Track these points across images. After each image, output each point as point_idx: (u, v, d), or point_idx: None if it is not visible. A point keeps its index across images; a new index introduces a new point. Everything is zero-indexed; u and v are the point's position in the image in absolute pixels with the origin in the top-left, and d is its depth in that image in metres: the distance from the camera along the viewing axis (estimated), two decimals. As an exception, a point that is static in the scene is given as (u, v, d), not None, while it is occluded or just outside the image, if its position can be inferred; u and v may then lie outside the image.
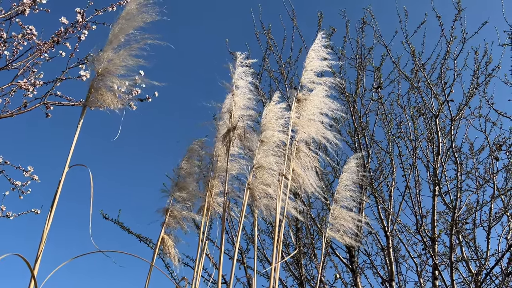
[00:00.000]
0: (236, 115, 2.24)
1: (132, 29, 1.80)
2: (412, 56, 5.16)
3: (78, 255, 1.50)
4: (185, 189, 2.37)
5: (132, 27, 1.80)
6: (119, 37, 1.79)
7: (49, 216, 1.50)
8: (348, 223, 2.45)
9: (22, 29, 2.74)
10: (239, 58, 2.37)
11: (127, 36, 1.83)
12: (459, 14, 4.89)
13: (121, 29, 1.77)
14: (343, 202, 2.58)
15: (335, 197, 2.60)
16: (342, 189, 2.63)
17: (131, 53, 1.81)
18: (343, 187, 2.63)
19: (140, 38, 1.81)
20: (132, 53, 1.81)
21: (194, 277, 2.12)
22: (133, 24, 1.78)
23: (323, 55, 2.49)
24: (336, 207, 2.55)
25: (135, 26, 1.80)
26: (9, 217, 3.16)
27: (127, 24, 1.78)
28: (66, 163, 1.58)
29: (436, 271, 4.48)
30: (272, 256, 2.02)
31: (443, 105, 5.00)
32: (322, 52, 2.50)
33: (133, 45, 1.84)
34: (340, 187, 2.65)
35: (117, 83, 1.79)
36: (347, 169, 2.72)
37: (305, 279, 4.71)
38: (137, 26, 1.81)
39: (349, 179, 2.67)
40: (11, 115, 2.82)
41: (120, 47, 1.86)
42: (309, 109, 2.32)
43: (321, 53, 2.49)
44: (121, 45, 1.91)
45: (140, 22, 1.80)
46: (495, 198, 4.59)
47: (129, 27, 1.79)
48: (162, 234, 2.27)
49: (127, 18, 1.79)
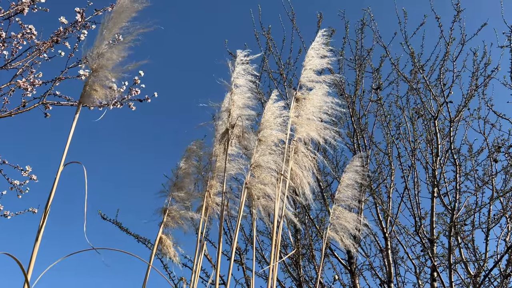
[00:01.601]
0: (235, 114, 2.23)
1: (125, 22, 1.79)
2: (411, 58, 5.17)
3: (70, 253, 1.49)
4: (184, 189, 2.37)
5: (125, 19, 1.78)
6: (112, 31, 1.78)
7: (44, 215, 1.49)
8: (349, 224, 2.43)
9: (22, 28, 2.74)
10: (239, 55, 2.35)
11: (121, 29, 1.82)
12: (458, 15, 4.90)
13: (114, 23, 1.76)
14: (344, 202, 2.55)
15: (337, 197, 2.58)
16: (344, 188, 2.60)
17: (124, 47, 1.80)
18: (345, 186, 2.60)
19: (133, 30, 1.80)
20: (126, 46, 1.80)
21: (192, 277, 2.12)
22: (125, 15, 1.77)
23: (323, 53, 2.48)
24: (337, 207, 2.52)
25: (127, 17, 1.79)
26: (7, 217, 3.16)
27: (119, 17, 1.77)
28: (61, 161, 1.58)
29: (434, 272, 4.47)
30: (270, 256, 2.02)
31: (442, 106, 5.00)
32: (322, 50, 2.48)
33: (126, 38, 1.83)
34: (342, 186, 2.62)
35: (111, 78, 1.78)
36: (350, 168, 2.68)
37: (303, 280, 4.71)
38: (129, 17, 1.80)
39: (351, 179, 2.63)
40: (10, 114, 2.82)
41: (113, 42, 1.86)
42: (308, 108, 2.31)
43: (321, 51, 2.48)
44: (115, 40, 1.90)
45: (132, 12, 1.79)
46: (494, 200, 4.59)
47: (121, 20, 1.77)
48: (160, 234, 2.27)
49: (119, 11, 1.78)
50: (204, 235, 2.28)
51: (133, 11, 1.80)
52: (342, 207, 2.52)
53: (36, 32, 2.75)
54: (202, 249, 2.21)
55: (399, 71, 5.26)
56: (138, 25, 1.80)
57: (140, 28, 1.79)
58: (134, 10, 1.81)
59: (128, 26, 1.82)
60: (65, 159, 1.61)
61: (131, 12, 1.80)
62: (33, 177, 3.14)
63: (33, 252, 1.44)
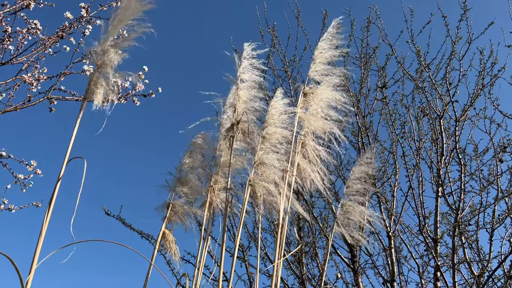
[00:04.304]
0: (240, 109, 2.22)
1: (130, 20, 1.79)
2: (417, 56, 5.13)
3: (62, 246, 1.48)
4: (187, 184, 2.35)
5: (130, 17, 1.78)
6: (117, 27, 1.77)
7: (47, 212, 1.49)
8: (359, 217, 2.38)
9: (27, 23, 2.74)
10: (246, 49, 2.33)
11: (126, 26, 1.82)
12: (465, 14, 4.85)
13: (120, 20, 1.75)
14: (353, 196, 2.50)
15: (345, 191, 2.53)
16: (353, 182, 2.54)
17: (129, 44, 1.80)
18: (354, 180, 2.54)
19: (138, 28, 1.80)
20: (130, 44, 1.80)
21: (195, 273, 2.12)
22: (131, 13, 1.77)
23: (336, 44, 2.42)
24: (346, 202, 2.47)
25: (133, 15, 1.78)
26: (11, 210, 3.17)
27: (125, 13, 1.76)
28: (66, 157, 1.58)
29: (438, 272, 4.46)
30: (274, 253, 2.01)
31: (448, 105, 4.97)
32: (335, 41, 2.44)
33: (131, 34, 1.82)
34: (351, 180, 2.55)
35: (115, 74, 1.78)
36: (360, 161, 2.64)
37: (306, 278, 4.70)
38: (135, 16, 1.79)
39: (361, 172, 2.57)
40: (15, 109, 2.82)
41: (118, 38, 1.85)
42: (316, 103, 2.28)
43: (333, 42, 2.42)
44: (119, 36, 1.90)
45: (138, 11, 1.78)
46: (499, 200, 4.56)
47: (127, 17, 1.77)
48: (163, 228, 2.26)
49: (126, 7, 1.77)
50: (207, 232, 2.27)
51: (139, 10, 1.80)
52: (351, 201, 2.48)
53: (41, 27, 2.75)
54: (205, 245, 2.21)
55: (405, 70, 5.23)
56: (143, 24, 1.80)
57: (145, 27, 1.79)
58: (140, 9, 1.81)
59: (133, 24, 1.82)
60: (69, 154, 1.61)
61: (137, 10, 1.80)
62: (37, 172, 3.15)
63: (37, 248, 1.44)
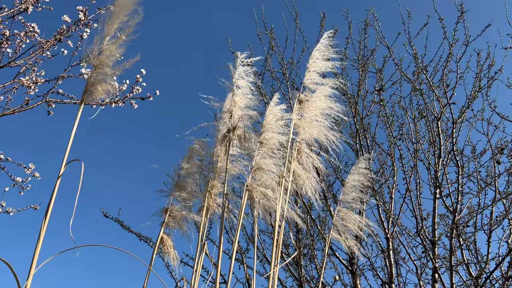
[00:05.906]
0: (237, 115, 2.23)
1: (125, 16, 1.79)
2: (415, 58, 5.15)
3: (60, 252, 1.49)
4: (185, 189, 2.36)
5: (125, 13, 1.78)
6: (114, 25, 1.78)
7: (46, 215, 1.50)
8: (353, 225, 2.41)
9: (25, 26, 2.74)
10: (240, 57, 2.35)
11: (121, 23, 1.82)
12: (462, 16, 4.87)
13: (116, 17, 1.76)
14: (349, 204, 2.53)
15: (341, 198, 2.56)
16: (349, 190, 2.58)
17: (125, 41, 1.80)
18: (350, 188, 2.58)
19: (131, 23, 1.80)
20: (126, 40, 1.80)
21: (193, 276, 2.12)
22: (126, 9, 1.77)
23: (328, 56, 2.46)
24: (341, 208, 2.50)
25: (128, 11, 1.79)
26: (9, 213, 3.17)
27: (120, 10, 1.77)
28: (64, 159, 1.58)
29: (436, 274, 4.46)
30: (271, 257, 2.02)
31: (445, 107, 4.98)
32: (327, 53, 2.47)
33: (126, 30, 1.83)
34: (347, 188, 2.59)
35: (112, 74, 1.78)
36: (355, 170, 2.66)
37: (304, 280, 4.71)
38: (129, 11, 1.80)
39: (356, 181, 2.61)
40: (13, 112, 2.82)
41: (114, 37, 1.86)
42: (311, 110, 2.30)
43: (326, 53, 2.46)
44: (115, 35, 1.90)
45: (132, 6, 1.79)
46: (497, 201, 4.57)
47: (122, 14, 1.77)
48: (162, 234, 2.27)
49: (121, 5, 1.78)
50: (205, 235, 2.28)
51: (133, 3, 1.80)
52: (346, 208, 2.50)
53: (38, 30, 2.75)
54: (203, 248, 2.21)
55: (402, 72, 5.24)
56: (136, 18, 1.80)
57: (138, 19, 1.79)
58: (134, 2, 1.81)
59: (128, 20, 1.82)
60: (67, 157, 1.61)
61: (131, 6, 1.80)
62: (35, 175, 3.15)
63: (35, 252, 1.44)
